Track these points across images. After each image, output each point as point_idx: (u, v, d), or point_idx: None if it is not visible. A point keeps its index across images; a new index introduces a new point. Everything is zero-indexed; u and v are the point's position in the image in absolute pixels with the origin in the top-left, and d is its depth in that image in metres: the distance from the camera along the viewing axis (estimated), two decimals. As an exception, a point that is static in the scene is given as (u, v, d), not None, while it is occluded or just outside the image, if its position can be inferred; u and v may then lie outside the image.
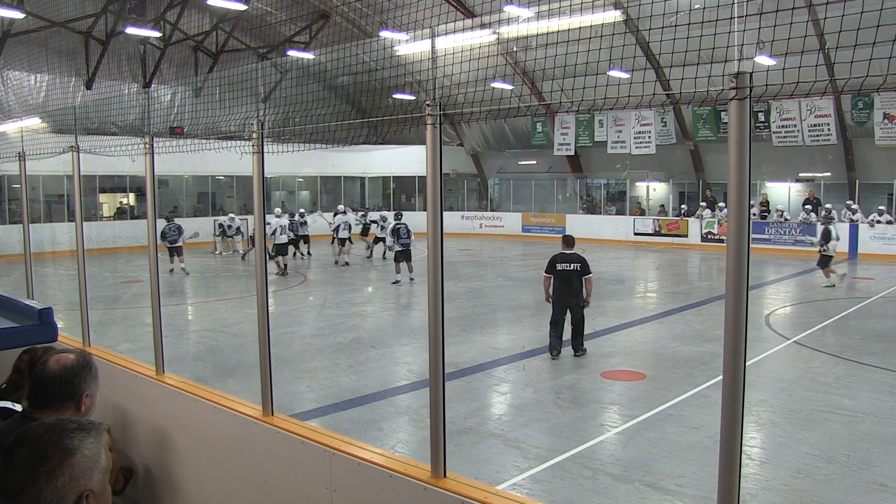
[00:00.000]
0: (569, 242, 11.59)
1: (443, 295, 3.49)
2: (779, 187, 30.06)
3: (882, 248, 24.92)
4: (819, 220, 26.45)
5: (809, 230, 26.53)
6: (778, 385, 9.52)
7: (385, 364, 10.78)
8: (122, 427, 5.49)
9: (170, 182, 31.27)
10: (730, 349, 2.62)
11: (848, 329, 13.11)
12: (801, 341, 12.00)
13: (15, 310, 1.83)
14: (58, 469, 1.81)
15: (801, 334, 12.51)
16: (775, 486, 6.39)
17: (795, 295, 17.89)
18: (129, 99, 24.26)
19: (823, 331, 12.93)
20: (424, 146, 3.46)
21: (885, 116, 24.71)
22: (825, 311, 15.03)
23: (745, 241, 2.59)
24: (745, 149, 2.57)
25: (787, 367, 10.58)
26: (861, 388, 9.37)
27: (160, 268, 5.76)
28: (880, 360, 10.69)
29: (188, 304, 16.88)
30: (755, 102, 2.65)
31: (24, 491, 1.78)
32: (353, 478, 3.81)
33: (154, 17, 29.88)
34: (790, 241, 26.91)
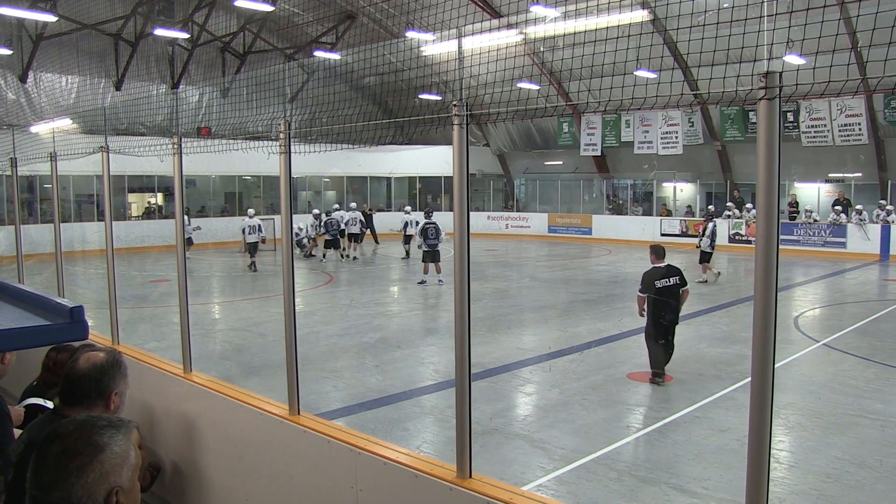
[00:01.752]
0: (660, 254, 10.27)
1: (469, 295, 3.49)
2: (808, 188, 29.72)
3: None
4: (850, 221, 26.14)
5: (839, 231, 26.23)
6: (807, 388, 9.40)
7: (411, 364, 10.80)
8: (150, 424, 5.55)
9: (197, 182, 31.54)
10: (758, 351, 2.60)
11: (879, 332, 12.92)
12: (830, 344, 11.85)
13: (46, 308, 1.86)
14: (88, 465, 1.84)
15: (830, 337, 12.35)
16: (804, 490, 6.32)
17: (825, 297, 17.67)
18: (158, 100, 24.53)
19: (854, 333, 12.75)
20: (450, 146, 3.46)
21: (918, 115, 24.33)
22: (856, 313, 14.84)
23: (774, 243, 2.56)
24: (774, 149, 2.54)
25: (816, 369, 10.45)
26: (893, 391, 9.23)
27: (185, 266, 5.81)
28: (912, 363, 10.53)
29: (215, 303, 17.01)
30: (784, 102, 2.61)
31: (56, 485, 1.81)
32: (378, 477, 3.82)
33: (182, 19, 30.16)
34: (819, 243, 26.59)
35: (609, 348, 11.63)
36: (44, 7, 25.22)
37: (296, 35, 34.71)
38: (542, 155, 37.11)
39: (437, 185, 37.66)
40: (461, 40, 3.68)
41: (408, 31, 29.14)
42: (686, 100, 27.32)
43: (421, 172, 37.18)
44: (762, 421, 2.59)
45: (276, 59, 32.99)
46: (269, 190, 33.07)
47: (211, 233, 28.94)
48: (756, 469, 2.61)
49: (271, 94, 6.11)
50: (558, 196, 36.02)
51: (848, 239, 26.05)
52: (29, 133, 9.73)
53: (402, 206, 37.31)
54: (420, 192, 38.65)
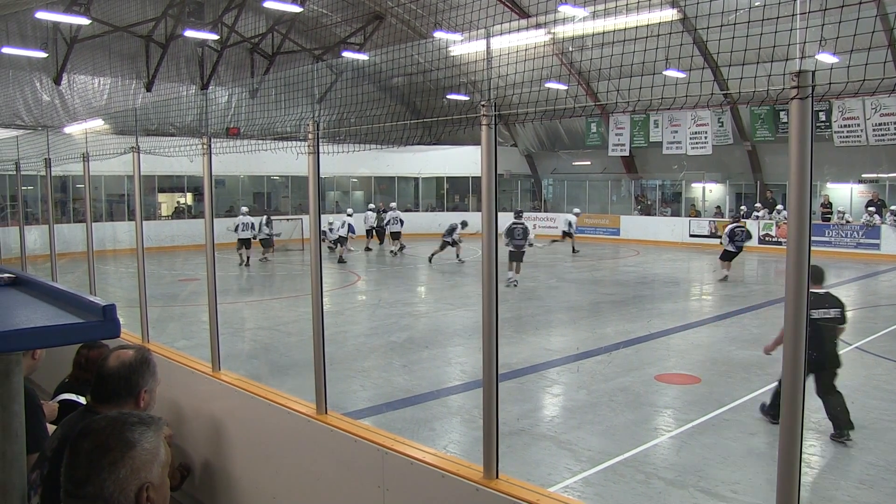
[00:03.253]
0: (818, 277, 8.27)
1: (497, 295, 3.49)
2: (840, 188, 29.29)
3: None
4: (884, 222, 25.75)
5: (873, 233, 25.84)
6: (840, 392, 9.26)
7: (438, 364, 10.80)
8: (179, 422, 5.60)
9: (226, 182, 31.80)
10: (789, 354, 2.57)
11: (913, 335, 12.72)
12: (864, 347, 11.67)
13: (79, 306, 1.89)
14: (120, 461, 1.87)
15: (864, 340, 12.16)
16: (837, 496, 6.23)
17: (858, 299, 17.41)
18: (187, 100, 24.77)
19: (888, 337, 12.55)
20: (478, 147, 3.45)
21: (954, 115, 23.90)
22: (890, 316, 14.61)
23: (805, 244, 2.53)
24: (806, 149, 2.51)
25: (849, 373, 10.27)
26: (927, 395, 9.08)
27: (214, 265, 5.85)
28: (947, 367, 10.35)
29: (244, 302, 17.14)
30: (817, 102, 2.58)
31: (88, 480, 1.85)
32: (405, 477, 3.83)
33: (212, 20, 30.45)
34: (852, 244, 26.22)
35: (637, 350, 11.56)
36: (78, 10, 25.59)
37: (324, 36, 34.88)
38: (571, 155, 36.95)
39: (464, 186, 37.65)
40: (489, 40, 3.67)
41: (436, 32, 29.18)
42: (716, 100, 27.14)
43: (449, 173, 37.18)
44: (793, 424, 2.56)
45: (305, 60, 33.18)
46: (297, 190, 33.26)
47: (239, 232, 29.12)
48: (786, 473, 2.58)
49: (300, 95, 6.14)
50: (586, 196, 35.85)
51: (882, 240, 25.65)
52: (62, 134, 9.87)
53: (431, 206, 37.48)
54: (448, 192, 38.66)
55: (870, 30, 3.08)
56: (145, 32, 29.76)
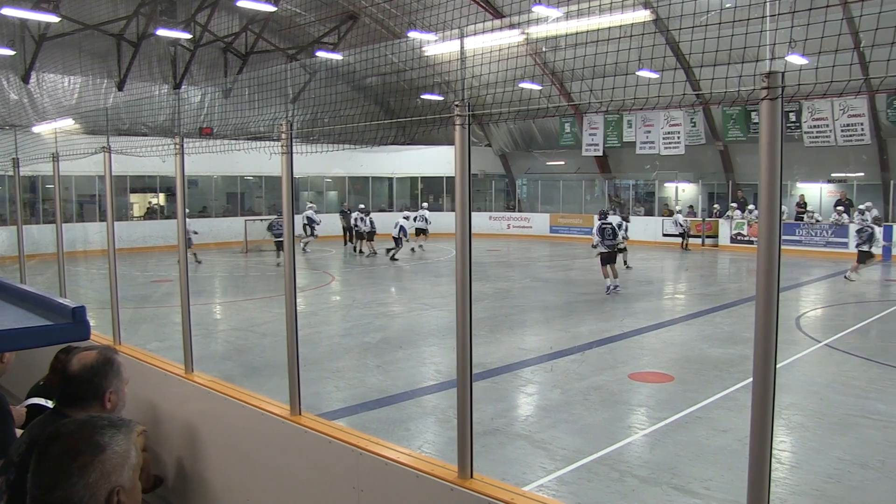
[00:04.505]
0: None
1: (471, 295, 3.49)
2: (810, 188, 29.68)
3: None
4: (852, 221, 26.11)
5: (841, 231, 26.22)
6: (809, 388, 9.40)
7: (412, 364, 10.80)
8: (152, 425, 5.55)
9: (199, 182, 31.57)
10: (760, 351, 2.59)
11: (882, 332, 12.92)
12: (832, 344, 11.83)
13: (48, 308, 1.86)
14: (90, 465, 1.84)
15: (832, 337, 12.34)
16: (806, 490, 6.31)
17: (827, 297, 17.65)
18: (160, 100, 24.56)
19: (856, 334, 12.75)
20: (452, 147, 3.45)
21: (920, 116, 24.30)
22: (858, 314, 14.82)
23: (776, 242, 2.56)
24: (776, 149, 2.54)
25: (818, 370, 10.44)
26: (895, 392, 9.22)
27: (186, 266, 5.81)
28: (914, 363, 10.53)
29: (217, 303, 17.02)
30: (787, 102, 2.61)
31: (57, 485, 1.82)
32: (379, 478, 3.82)
33: (184, 19, 30.20)
34: (821, 243, 26.60)
35: (611, 348, 11.63)
36: (46, 7, 25.26)
37: (298, 35, 34.74)
38: (544, 155, 37.10)
39: (439, 186, 37.68)
40: (463, 40, 3.68)
41: (410, 32, 29.13)
42: (688, 100, 27.33)
43: (423, 173, 37.18)
44: (764, 421, 2.58)
45: (279, 60, 33.02)
46: (271, 190, 33.10)
47: (213, 233, 28.97)
48: (757, 469, 2.60)
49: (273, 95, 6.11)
50: (560, 196, 36.01)
51: (850, 239, 26.00)
52: (31, 133, 9.74)
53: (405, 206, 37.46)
54: (422, 192, 38.67)
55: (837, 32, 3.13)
56: (117, 31, 29.46)
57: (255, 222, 28.31)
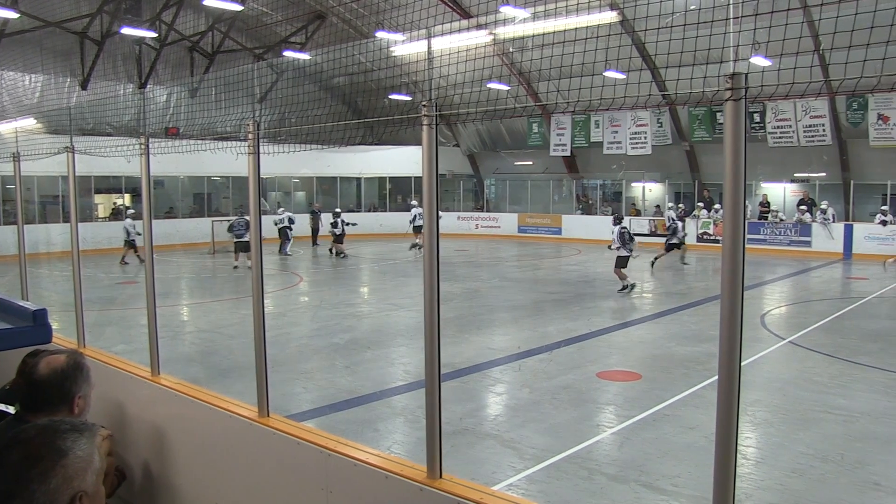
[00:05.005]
0: None
1: (439, 295, 3.49)
2: (774, 188, 30.14)
3: (876, 249, 25.00)
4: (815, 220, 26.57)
5: (804, 230, 26.66)
6: (773, 385, 9.53)
7: (381, 365, 10.78)
8: (118, 428, 5.48)
9: (165, 183, 31.22)
10: (725, 349, 2.63)
11: (843, 329, 13.13)
12: (796, 341, 12.02)
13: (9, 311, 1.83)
14: (51, 470, 1.81)
15: (796, 334, 12.53)
16: (770, 485, 6.41)
17: (791, 295, 17.91)
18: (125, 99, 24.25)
19: (818, 331, 12.95)
20: (420, 147, 3.45)
21: (879, 117, 24.75)
22: (820, 311, 15.06)
23: (740, 241, 2.60)
24: (740, 149, 2.57)
25: (782, 367, 10.60)
26: (856, 387, 9.39)
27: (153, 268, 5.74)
28: (875, 359, 10.72)
29: (184, 304, 16.86)
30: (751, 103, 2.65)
31: (16, 493, 1.78)
32: (348, 479, 3.81)
33: (150, 18, 29.84)
34: (785, 242, 27.01)
35: (579, 348, 11.70)
36: (5, 3, 24.81)
37: (265, 35, 34.50)
38: (512, 155, 37.22)
39: (407, 186, 37.62)
40: (430, 40, 3.68)
41: (378, 32, 29.10)
42: (654, 100, 27.63)
43: (391, 173, 37.11)
44: (729, 418, 2.62)
45: (246, 59, 32.77)
46: (238, 191, 32.83)
47: (180, 234, 28.69)
48: (723, 465, 2.64)
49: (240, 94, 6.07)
50: (528, 196, 36.16)
51: (813, 238, 26.49)
52: (-9, 133, 9.57)
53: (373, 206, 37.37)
54: (390, 192, 38.60)
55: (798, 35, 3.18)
56: (79, 28, 29.00)
57: (222, 223, 28.08)
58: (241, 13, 30.89)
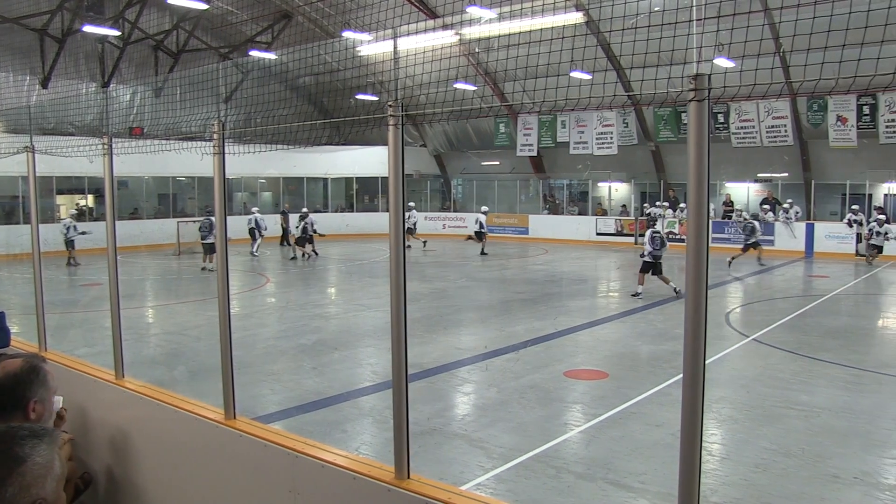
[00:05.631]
0: None
1: (405, 295, 3.49)
2: (738, 187, 30.56)
3: (836, 247, 25.48)
4: (778, 219, 26.97)
5: (767, 229, 27.05)
6: (738, 382, 9.66)
7: (349, 366, 10.74)
8: (81, 433, 5.40)
9: (129, 183, 30.81)
10: (689, 347, 2.65)
11: (805, 326, 13.35)
12: (760, 339, 12.19)
13: (-32, 314, 1.79)
14: (8, 478, 1.77)
15: (759, 332, 12.71)
16: (735, 481, 6.49)
17: (755, 293, 18.16)
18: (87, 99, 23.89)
19: (781, 328, 13.15)
20: (387, 147, 3.45)
21: (837, 119, 25.22)
22: (783, 308, 15.29)
23: (704, 240, 2.62)
24: (703, 149, 2.60)
25: (746, 364, 10.74)
26: (817, 383, 9.56)
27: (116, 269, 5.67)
28: (835, 355, 10.92)
29: (149, 306, 16.65)
30: (714, 104, 2.68)
31: None
32: (316, 480, 3.79)
33: (113, 16, 29.40)
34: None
35: (546, 347, 11.76)
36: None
37: (231, 34, 34.20)
38: (479, 155, 37.31)
39: (374, 186, 37.55)
40: (397, 40, 3.68)
41: (344, 32, 28.99)
42: (620, 101, 27.84)
43: (358, 173, 36.99)
44: (694, 415, 2.65)
45: (211, 59, 32.44)
46: (204, 191, 32.50)
47: (145, 235, 28.33)
48: (688, 462, 2.67)
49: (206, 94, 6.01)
50: (495, 196, 36.26)
51: (776, 237, 26.89)
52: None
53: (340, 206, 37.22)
54: (357, 192, 38.48)
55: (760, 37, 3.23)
56: (39, 25, 28.49)
57: (187, 224, 27.78)
58: (206, 12, 30.58)
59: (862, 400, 8.88)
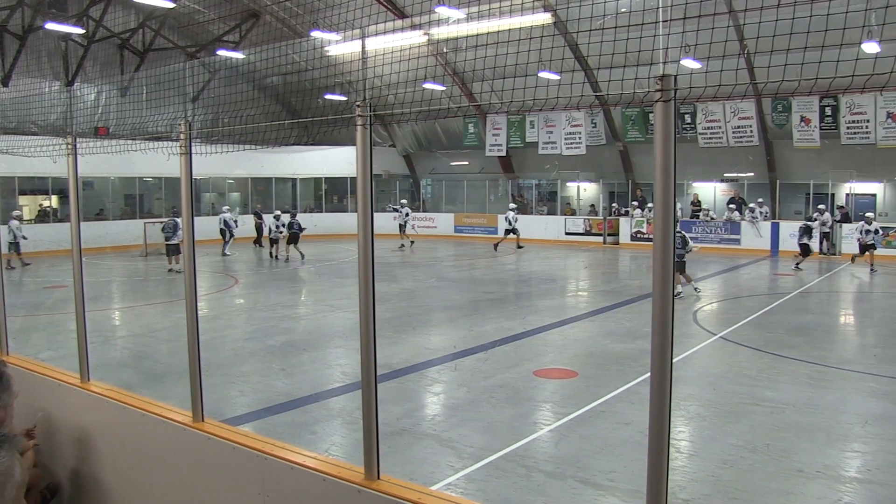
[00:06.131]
0: None
1: (374, 296, 3.49)
2: (705, 187, 30.91)
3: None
4: (744, 218, 27.31)
5: (734, 228, 27.41)
6: (706, 379, 9.76)
7: (318, 367, 10.70)
8: (46, 438, 5.32)
9: (95, 184, 30.37)
10: (657, 345, 2.68)
11: (770, 324, 13.53)
12: (727, 336, 12.33)
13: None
14: None
15: (726, 330, 12.86)
16: (703, 477, 6.56)
17: (722, 291, 18.36)
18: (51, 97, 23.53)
19: (748, 326, 13.32)
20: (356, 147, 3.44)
21: (801, 119, 25.60)
22: (749, 306, 15.49)
23: (670, 239, 2.65)
24: (670, 149, 2.63)
25: (714, 361, 10.86)
26: (782, 380, 9.69)
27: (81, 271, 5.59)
28: (800, 352, 11.09)
29: (115, 308, 16.44)
30: (681, 104, 2.71)
31: None
32: (285, 482, 3.77)
33: (76, 13, 28.94)
34: (716, 240, 27.70)
35: (515, 346, 11.80)
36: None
37: (198, 33, 33.85)
38: (448, 155, 37.32)
39: (343, 186, 37.37)
40: (365, 40, 3.68)
41: (313, 31, 28.82)
42: (588, 101, 28.04)
43: (327, 173, 36.80)
44: (661, 412, 2.67)
45: (178, 58, 32.06)
46: (171, 192, 32.12)
47: (111, 236, 27.96)
48: (656, 459, 2.69)
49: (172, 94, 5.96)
50: (465, 196, 36.31)
51: (742, 236, 27.24)
52: None
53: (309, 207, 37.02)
54: (326, 193, 38.30)
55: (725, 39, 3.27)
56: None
57: (154, 224, 27.46)
58: (172, 11, 30.23)
59: (825, 395, 9.02)
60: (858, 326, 14.54)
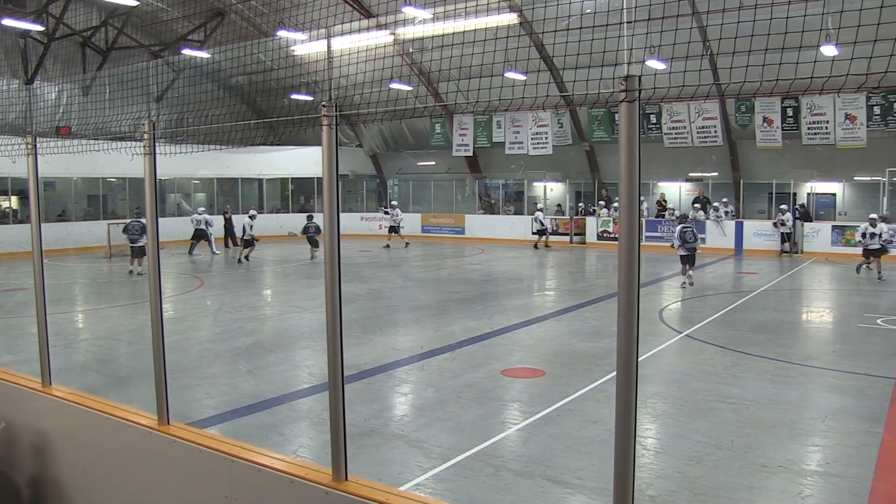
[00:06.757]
0: None
1: (340, 296, 3.48)
2: (670, 187, 31.24)
3: (764, 245, 26.26)
4: (709, 218, 27.64)
5: (699, 227, 27.72)
6: (671, 377, 9.87)
7: (285, 368, 10.63)
8: (6, 444, 5.23)
9: (56, 184, 29.87)
10: (623, 343, 2.71)
11: (734, 321, 13.71)
12: (692, 334, 12.47)
13: None
14: None
15: (692, 328, 13.00)
16: (669, 473, 6.63)
17: (687, 290, 18.56)
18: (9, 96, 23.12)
19: (713, 324, 13.48)
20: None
21: (764, 120, 25.98)
22: (714, 304, 15.67)
23: (635, 238, 2.68)
24: (634, 149, 2.65)
25: (679, 359, 10.98)
26: (746, 377, 9.82)
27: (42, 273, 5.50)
28: (763, 349, 11.25)
29: (78, 311, 16.21)
30: (646, 104, 2.74)
31: None
32: (253, 485, 3.75)
33: (35, 10, 28.42)
34: (681, 239, 27.99)
35: (483, 346, 11.82)
36: None
37: (162, 32, 33.44)
38: (415, 155, 37.32)
39: (310, 186, 37.17)
40: (331, 39, 3.66)
41: (279, 31, 28.63)
42: (554, 101, 28.21)
43: (293, 174, 36.57)
44: (627, 410, 2.70)
45: (142, 57, 31.64)
46: (136, 192, 31.69)
47: (73, 237, 27.54)
48: (622, 457, 2.72)
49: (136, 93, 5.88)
50: (431, 196, 36.31)
51: (707, 235, 27.55)
52: None
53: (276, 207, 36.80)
54: (293, 193, 38.08)
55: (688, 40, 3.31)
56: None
57: (118, 226, 27.07)
58: (136, 9, 29.81)
59: (788, 392, 9.16)
60: (819, 323, 14.79)
